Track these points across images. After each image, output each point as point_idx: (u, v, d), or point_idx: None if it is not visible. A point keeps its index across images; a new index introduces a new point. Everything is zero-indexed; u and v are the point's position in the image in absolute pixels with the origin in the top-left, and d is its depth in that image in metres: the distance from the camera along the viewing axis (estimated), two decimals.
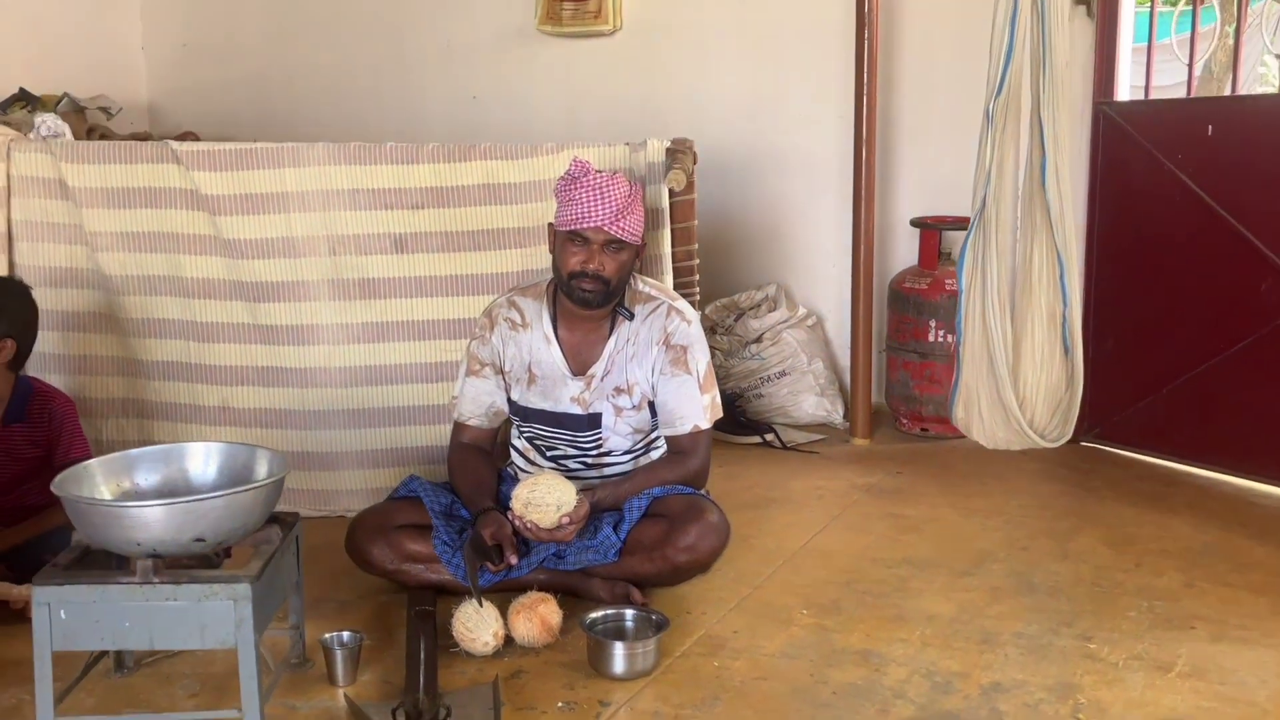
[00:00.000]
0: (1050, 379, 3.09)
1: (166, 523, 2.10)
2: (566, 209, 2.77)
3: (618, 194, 2.74)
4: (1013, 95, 2.98)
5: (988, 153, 3.02)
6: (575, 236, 2.77)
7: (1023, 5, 2.92)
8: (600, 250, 2.77)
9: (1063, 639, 2.67)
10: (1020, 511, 3.54)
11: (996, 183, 3.01)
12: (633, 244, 2.82)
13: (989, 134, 3.00)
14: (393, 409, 3.48)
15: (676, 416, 2.91)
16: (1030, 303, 3.06)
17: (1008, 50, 2.94)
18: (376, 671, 2.52)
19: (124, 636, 2.13)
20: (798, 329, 4.62)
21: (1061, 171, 3.00)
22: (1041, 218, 3.01)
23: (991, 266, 3.05)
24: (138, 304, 3.50)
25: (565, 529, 2.66)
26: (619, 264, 2.81)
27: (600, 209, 2.73)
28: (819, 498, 3.72)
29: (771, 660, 2.57)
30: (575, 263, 2.79)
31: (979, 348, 3.13)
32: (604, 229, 2.74)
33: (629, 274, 2.88)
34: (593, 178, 2.74)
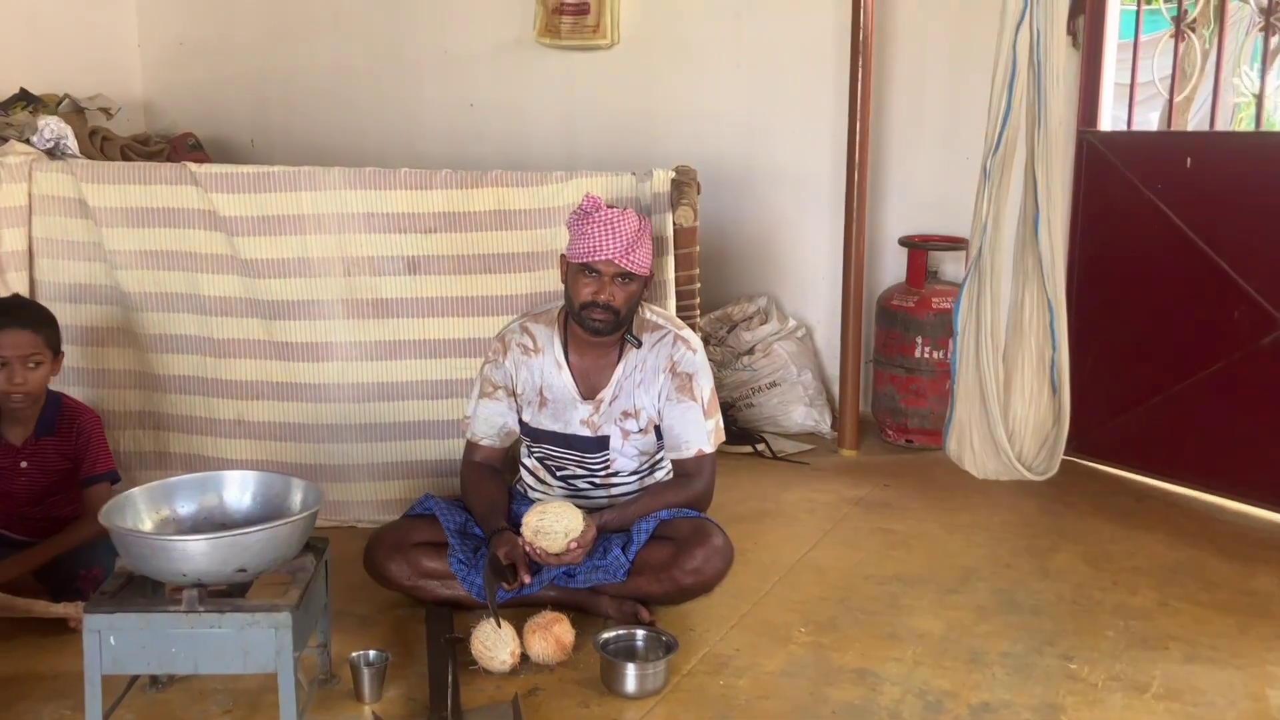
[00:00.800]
0: (1038, 416, 3.25)
1: (211, 555, 2.23)
2: (579, 242, 2.90)
3: (628, 229, 2.87)
4: (1009, 151, 3.13)
5: (984, 206, 3.17)
6: (587, 269, 2.90)
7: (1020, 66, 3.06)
8: (611, 282, 2.90)
9: (1046, 658, 2.84)
10: (1002, 527, 3.70)
11: (993, 234, 3.16)
12: (641, 275, 2.95)
13: (986, 189, 3.14)
14: (403, 424, 3.60)
15: (682, 441, 3.05)
16: (1021, 345, 3.22)
17: (1005, 110, 3.08)
18: (400, 688, 2.66)
19: (170, 661, 2.26)
20: (788, 341, 4.76)
21: (1054, 224, 3.15)
22: (1033, 266, 3.16)
23: (986, 311, 3.20)
24: (155, 320, 3.60)
25: (573, 553, 2.80)
26: (628, 294, 2.94)
27: (611, 243, 2.86)
28: (810, 511, 3.87)
29: (773, 679, 2.73)
30: (587, 293, 2.92)
31: (972, 386, 3.29)
32: (615, 262, 2.87)
33: (638, 303, 3.02)
34: (604, 213, 2.87)
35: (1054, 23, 3.09)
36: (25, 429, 3.05)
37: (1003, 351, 3.23)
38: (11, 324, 2.96)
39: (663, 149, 5.01)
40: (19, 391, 2.95)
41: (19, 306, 3.09)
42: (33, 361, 2.96)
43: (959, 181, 4.57)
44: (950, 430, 3.38)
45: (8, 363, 2.93)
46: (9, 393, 2.94)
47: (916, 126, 4.63)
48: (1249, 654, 2.87)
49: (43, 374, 3.00)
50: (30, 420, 3.05)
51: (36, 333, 2.99)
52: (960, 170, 4.56)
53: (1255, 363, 3.74)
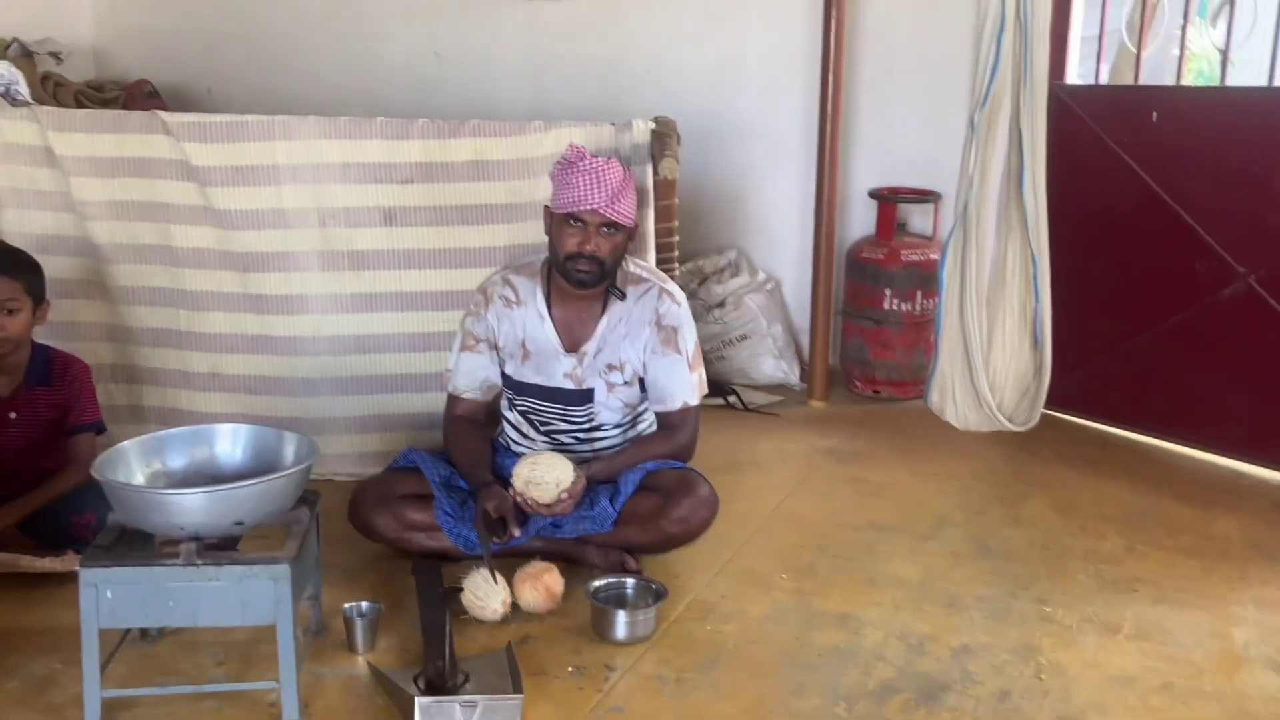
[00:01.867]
0: (1019, 368, 3.31)
1: (209, 509, 2.22)
2: (563, 192, 2.89)
3: (613, 178, 2.87)
4: (996, 105, 3.16)
5: (971, 160, 3.20)
6: (572, 219, 2.90)
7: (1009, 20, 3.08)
8: (596, 232, 2.90)
9: (1021, 602, 2.93)
10: (972, 476, 3.79)
11: (979, 188, 3.20)
12: (626, 226, 2.95)
13: (973, 142, 3.18)
14: (380, 377, 3.60)
15: (667, 394, 3.07)
16: (1003, 297, 3.27)
17: (994, 64, 3.11)
18: (392, 639, 2.68)
19: (168, 615, 2.26)
20: (758, 294, 4.80)
21: (1038, 178, 3.20)
22: (1018, 219, 3.21)
23: (971, 265, 3.25)
24: (127, 272, 3.55)
25: (563, 503, 2.83)
26: (613, 245, 2.95)
27: (596, 193, 2.85)
28: (783, 461, 3.93)
29: (759, 624, 2.79)
30: (572, 244, 2.92)
31: (956, 338, 3.34)
32: (600, 211, 2.87)
33: (622, 255, 3.02)
34: (589, 162, 2.86)
35: None
36: (13, 379, 3.02)
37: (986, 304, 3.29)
38: None
39: (631, 100, 4.98)
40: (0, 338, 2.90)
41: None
42: (8, 308, 2.92)
43: (928, 134, 4.62)
44: (933, 382, 3.45)
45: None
46: None
47: (886, 79, 4.65)
48: (1212, 595, 2.98)
49: (22, 320, 2.96)
50: (18, 370, 3.01)
51: (14, 278, 2.95)
52: (930, 123, 4.60)
53: (1215, 314, 3.83)
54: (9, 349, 2.97)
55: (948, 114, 4.55)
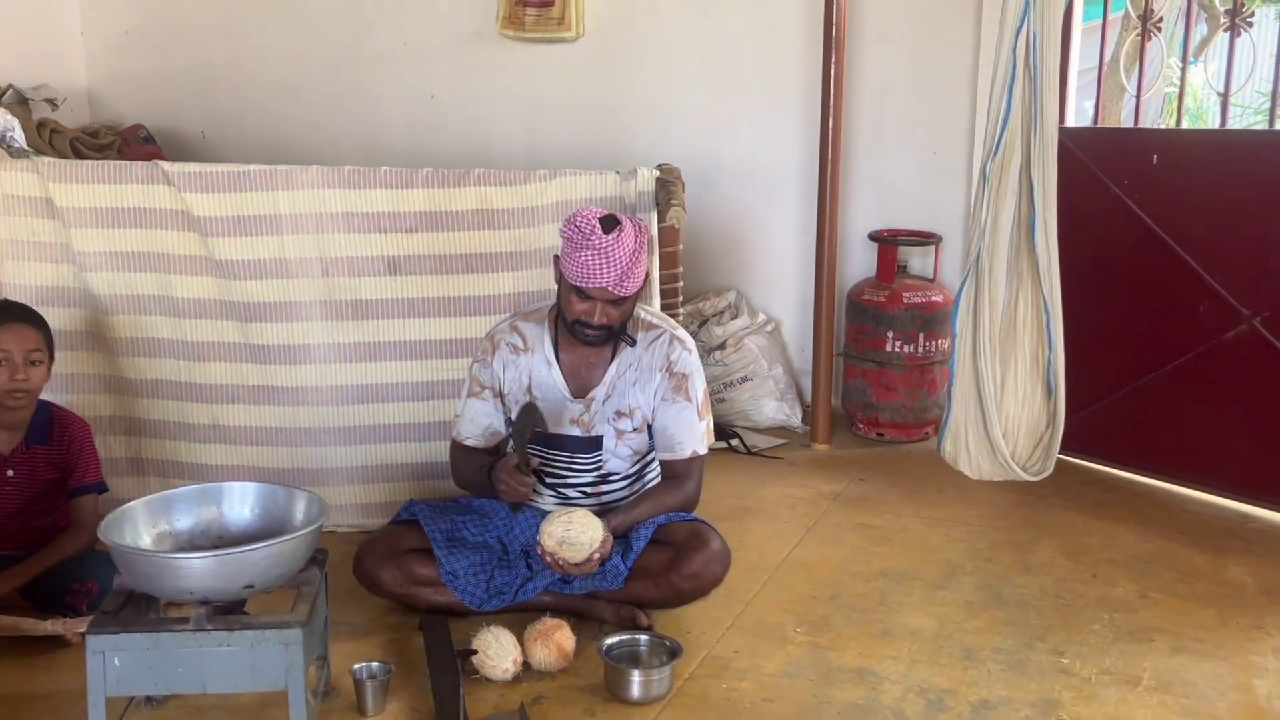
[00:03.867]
0: (1032, 416, 3.30)
1: (218, 572, 2.18)
2: (572, 265, 2.81)
3: (623, 255, 2.79)
4: (1008, 154, 3.16)
5: (984, 210, 3.19)
6: (580, 292, 2.85)
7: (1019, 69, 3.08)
8: (605, 305, 2.86)
9: (1038, 654, 2.89)
10: (980, 521, 3.76)
11: (991, 237, 3.19)
12: (635, 293, 2.91)
13: (985, 192, 3.17)
14: (383, 426, 3.56)
15: (675, 442, 3.04)
16: (1015, 346, 3.26)
17: (1005, 113, 3.11)
18: (403, 700, 2.63)
19: (177, 681, 2.21)
20: (758, 335, 4.78)
21: (1049, 226, 3.19)
22: (1028, 268, 3.20)
23: (984, 314, 3.24)
24: (127, 323, 3.51)
25: (592, 563, 2.78)
26: (622, 313, 2.90)
27: (605, 272, 2.79)
28: (790, 507, 3.90)
29: (775, 681, 2.75)
30: (580, 313, 2.87)
31: (969, 387, 3.33)
32: (609, 290, 2.82)
33: (632, 312, 2.99)
34: (599, 240, 2.76)
35: (1049, 25, 3.12)
36: (14, 436, 2.97)
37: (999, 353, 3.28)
38: (14, 319, 2.91)
39: (628, 143, 4.99)
40: (20, 389, 2.89)
41: (18, 304, 3.02)
42: (34, 359, 2.91)
43: (927, 176, 4.64)
44: (946, 431, 3.43)
45: (9, 358, 2.86)
46: (10, 390, 2.87)
47: (884, 121, 4.66)
48: (1231, 645, 2.95)
49: (42, 373, 2.95)
50: (20, 427, 2.97)
51: (38, 329, 2.94)
52: (929, 164, 4.62)
53: (1220, 356, 3.82)
54: (28, 402, 2.94)
55: (947, 155, 4.58)
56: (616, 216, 2.86)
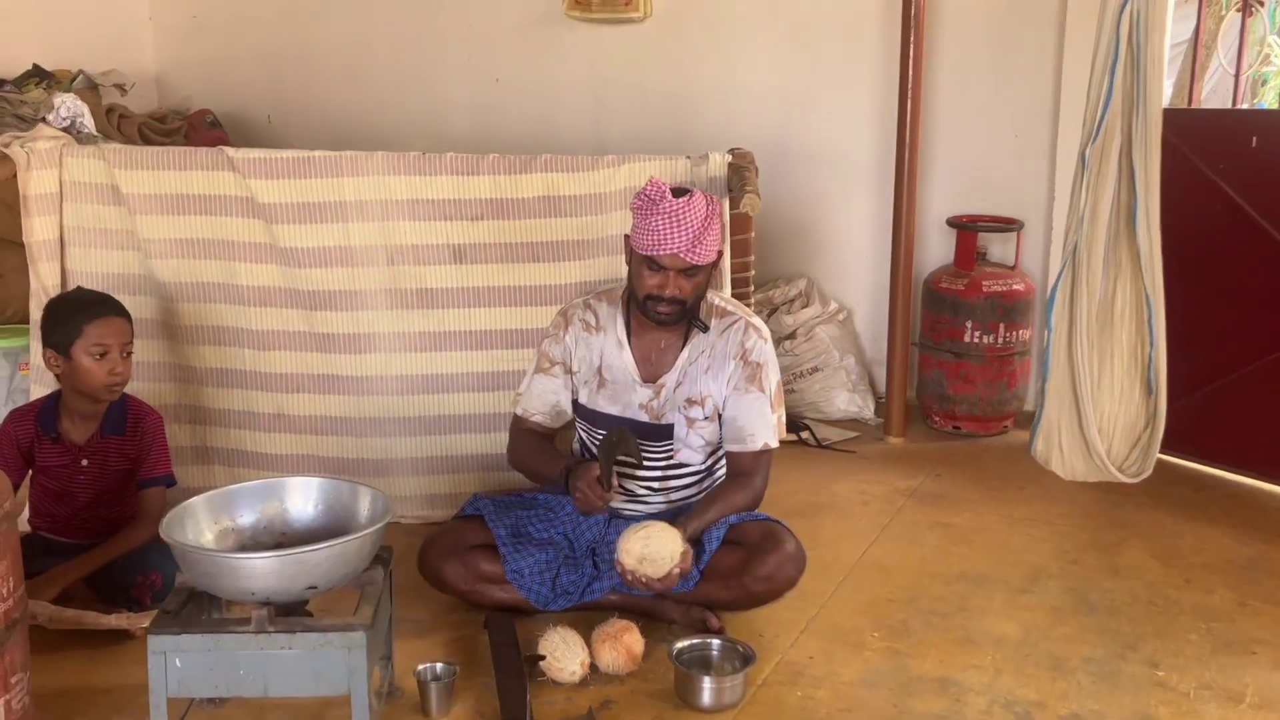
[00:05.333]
0: (1129, 415, 3.14)
1: (281, 573, 2.12)
2: (643, 234, 2.76)
3: (694, 220, 2.73)
4: (1108, 139, 2.99)
5: (1082, 196, 3.03)
6: (651, 261, 2.78)
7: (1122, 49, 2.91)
8: (677, 276, 2.78)
9: (1130, 665, 2.75)
10: (1064, 520, 3.61)
11: (1089, 226, 3.03)
12: (708, 264, 2.82)
13: (1084, 178, 3.00)
14: (448, 417, 3.49)
15: (747, 434, 2.93)
16: (1111, 340, 3.10)
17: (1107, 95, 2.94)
18: (468, 701, 2.56)
19: (238, 684, 2.15)
20: (829, 324, 4.65)
21: (1152, 214, 3.02)
22: (1128, 258, 3.04)
23: (1081, 307, 3.08)
24: (192, 311, 3.47)
25: (673, 577, 2.68)
26: (695, 285, 2.82)
27: (676, 237, 2.72)
28: (864, 503, 3.77)
29: (852, 689, 2.63)
30: (651, 286, 2.80)
31: (1064, 384, 3.17)
32: (680, 256, 2.74)
33: (705, 290, 2.89)
34: (669, 204, 2.72)
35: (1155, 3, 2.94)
36: (90, 426, 2.96)
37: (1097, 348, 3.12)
38: (110, 312, 2.91)
39: (697, 127, 4.88)
40: (119, 381, 2.89)
41: (108, 297, 3.00)
42: (128, 350, 2.91)
43: (1009, 159, 4.47)
44: (1038, 430, 3.27)
45: (108, 351, 2.86)
46: (110, 384, 2.88)
47: (961, 102, 4.50)
48: None
49: (131, 365, 2.95)
50: (96, 417, 2.95)
51: (128, 321, 2.94)
52: (1011, 147, 4.46)
53: None
54: (119, 395, 2.94)
55: (1030, 137, 4.41)
56: (688, 188, 2.81)
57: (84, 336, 2.82)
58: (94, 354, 2.83)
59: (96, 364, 2.84)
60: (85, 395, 2.89)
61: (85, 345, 2.83)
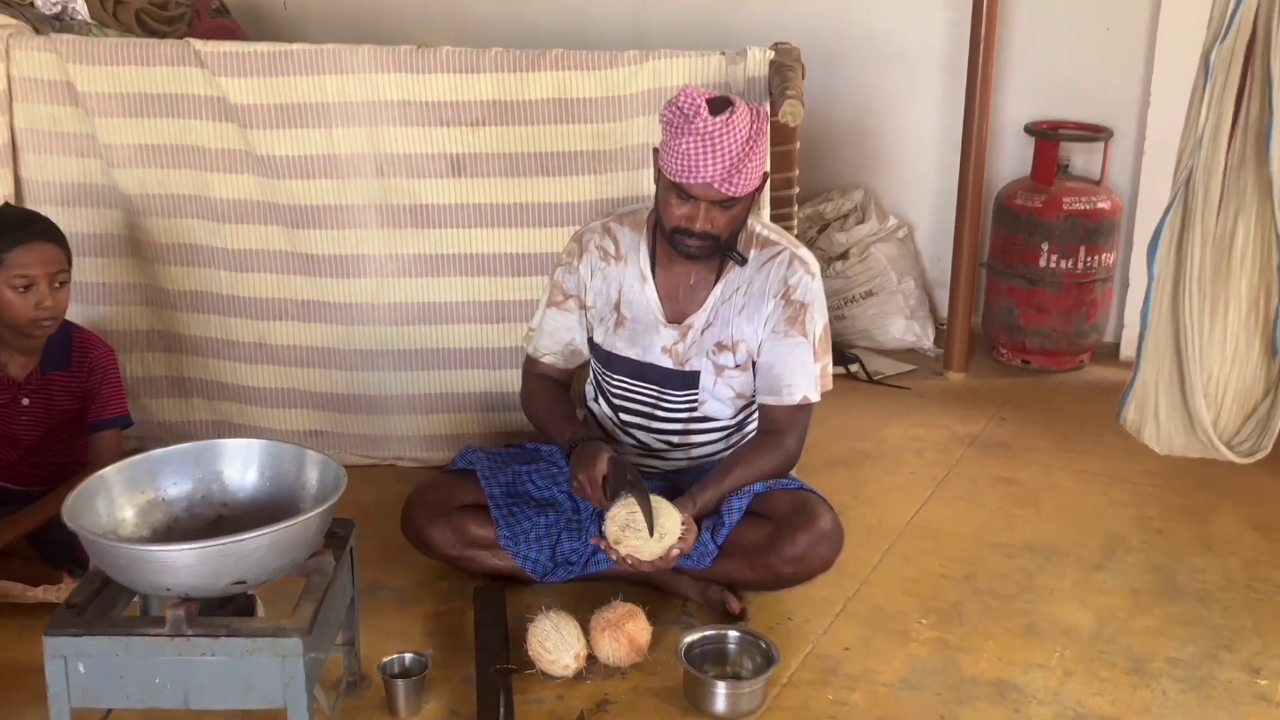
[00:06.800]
0: (1243, 380, 2.65)
1: (199, 567, 1.76)
2: (672, 156, 2.30)
3: (733, 143, 2.26)
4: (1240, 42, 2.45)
5: (1202, 112, 2.49)
6: (680, 190, 2.33)
7: None
8: (710, 208, 2.34)
9: (1226, 669, 2.33)
10: (1146, 478, 3.16)
11: (1210, 149, 2.51)
12: (749, 194, 2.38)
13: (1206, 88, 2.47)
14: (447, 350, 3.11)
15: (784, 384, 2.51)
16: (1226, 289, 2.60)
17: None
18: (443, 697, 2.22)
19: (155, 694, 1.81)
20: (887, 243, 4.17)
21: None
22: (1254, 190, 2.51)
23: (1194, 249, 2.57)
24: (161, 226, 3.09)
25: (670, 559, 2.30)
26: (730, 218, 2.38)
27: (710, 164, 2.27)
28: (918, 452, 3.35)
29: (893, 693, 2.25)
30: (679, 218, 2.36)
31: (1164, 342, 2.69)
32: (714, 187, 2.29)
33: (744, 222, 2.45)
34: (704, 123, 2.25)
35: None
36: (30, 361, 2.62)
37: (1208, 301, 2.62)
38: (36, 236, 2.52)
39: (744, 18, 4.37)
40: (48, 315, 2.53)
41: (36, 217, 2.62)
42: (60, 280, 2.55)
43: (1094, 59, 3.94)
44: (1130, 396, 2.80)
45: (34, 283, 2.49)
46: (36, 319, 2.52)
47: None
48: None
49: (66, 295, 2.58)
50: (35, 351, 2.61)
51: (61, 246, 2.57)
52: (1095, 45, 3.92)
53: None
54: (55, 328, 2.59)
55: (1122, 32, 3.89)
56: (730, 98, 2.33)
57: (4, 266, 2.45)
58: (16, 286, 2.46)
59: (20, 296, 2.47)
60: (11, 329, 2.54)
61: (7, 276, 2.45)
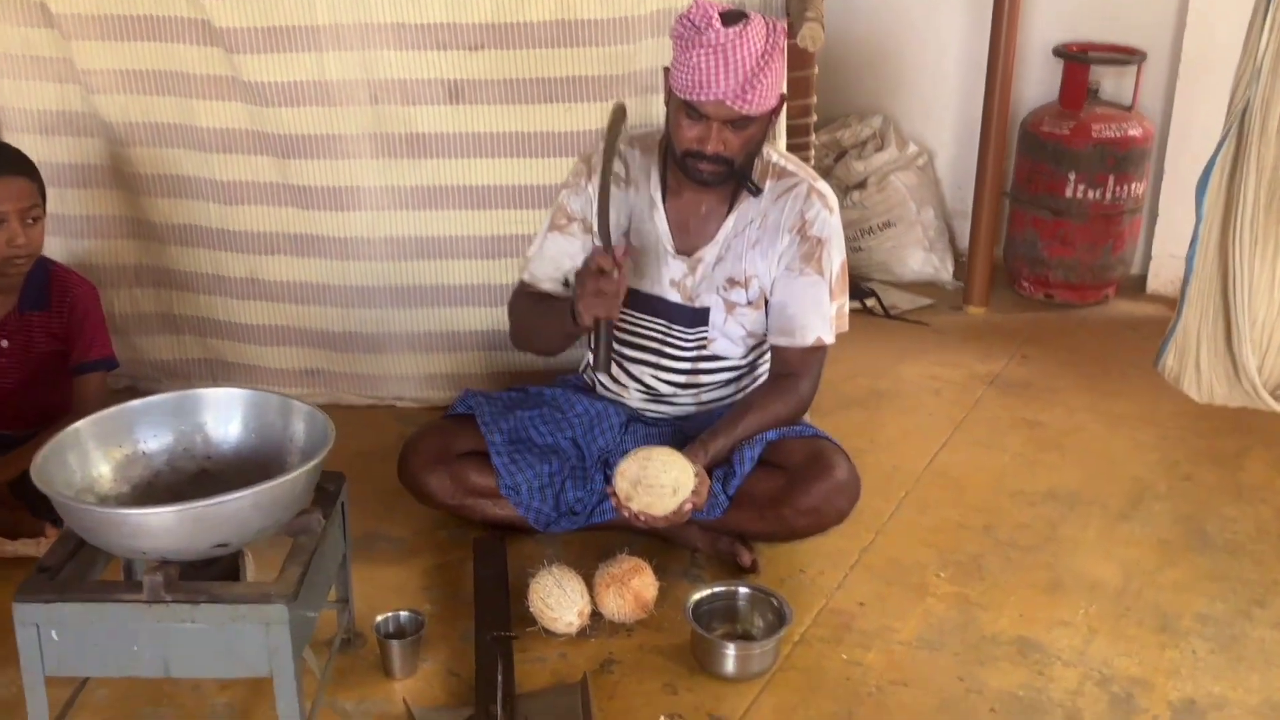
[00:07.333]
0: None
1: (178, 530, 1.65)
2: (682, 71, 2.16)
3: (747, 56, 2.12)
4: None
5: (1262, 38, 2.31)
6: (691, 108, 2.19)
7: None
8: (722, 128, 2.19)
9: (1258, 627, 2.23)
10: (1174, 420, 3.03)
11: (1270, 79, 2.32)
12: (765, 114, 2.22)
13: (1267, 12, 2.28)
14: (446, 287, 2.98)
15: (797, 325, 2.38)
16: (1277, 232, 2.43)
17: None
18: (440, 656, 2.12)
19: (133, 663, 1.72)
20: (907, 171, 4.00)
21: None
22: None
23: (1246, 188, 2.40)
24: (146, 156, 2.95)
25: (683, 513, 2.19)
26: (745, 140, 2.23)
27: (723, 79, 2.12)
28: (936, 392, 3.23)
29: (910, 653, 2.15)
30: (690, 139, 2.22)
31: (1210, 287, 2.53)
32: (726, 104, 2.14)
33: (759, 145, 2.30)
34: (716, 34, 2.10)
35: None
36: (7, 301, 2.52)
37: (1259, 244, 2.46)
38: (4, 170, 2.40)
39: None
40: (22, 253, 2.42)
41: (3, 148, 2.50)
42: (33, 216, 2.43)
43: None
44: (1170, 342, 2.66)
45: (5, 219, 2.38)
46: (10, 257, 2.41)
47: None
48: None
49: (40, 231, 2.47)
50: (12, 291, 2.50)
51: (33, 180, 2.45)
52: None
53: None
54: (29, 266, 2.48)
55: None
56: (744, 11, 2.19)
57: None
58: None
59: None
60: None
61: None
